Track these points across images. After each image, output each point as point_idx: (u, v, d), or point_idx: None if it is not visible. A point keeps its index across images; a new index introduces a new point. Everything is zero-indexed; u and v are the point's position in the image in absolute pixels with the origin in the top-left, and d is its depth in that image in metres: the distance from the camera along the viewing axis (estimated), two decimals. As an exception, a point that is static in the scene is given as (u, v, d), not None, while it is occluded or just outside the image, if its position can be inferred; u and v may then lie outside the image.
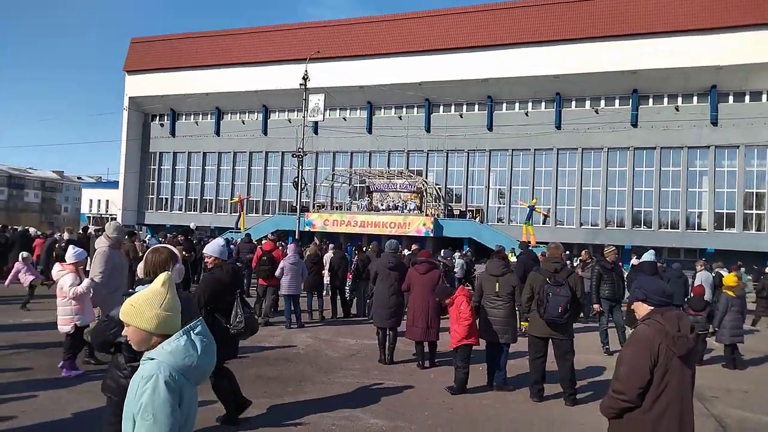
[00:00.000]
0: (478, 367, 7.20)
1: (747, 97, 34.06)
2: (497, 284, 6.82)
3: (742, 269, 20.42)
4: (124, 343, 3.08)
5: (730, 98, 34.35)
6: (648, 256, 9.15)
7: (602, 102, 37.10)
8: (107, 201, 60.15)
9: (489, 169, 39.61)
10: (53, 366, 6.60)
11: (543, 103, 38.43)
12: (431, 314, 7.47)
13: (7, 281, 11.56)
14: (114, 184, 53.93)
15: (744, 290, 9.29)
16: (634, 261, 14.40)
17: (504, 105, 39.33)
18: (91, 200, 64.38)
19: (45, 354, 7.34)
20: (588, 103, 37.38)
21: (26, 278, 11.27)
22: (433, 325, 7.52)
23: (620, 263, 13.90)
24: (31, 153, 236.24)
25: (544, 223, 37.03)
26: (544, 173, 38.49)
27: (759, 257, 30.47)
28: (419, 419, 5.56)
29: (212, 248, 5.63)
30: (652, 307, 3.00)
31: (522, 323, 7.12)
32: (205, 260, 5.74)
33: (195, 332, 2.11)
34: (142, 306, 2.10)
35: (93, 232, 16.88)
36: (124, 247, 13.81)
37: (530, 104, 38.74)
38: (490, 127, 39.07)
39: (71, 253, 6.75)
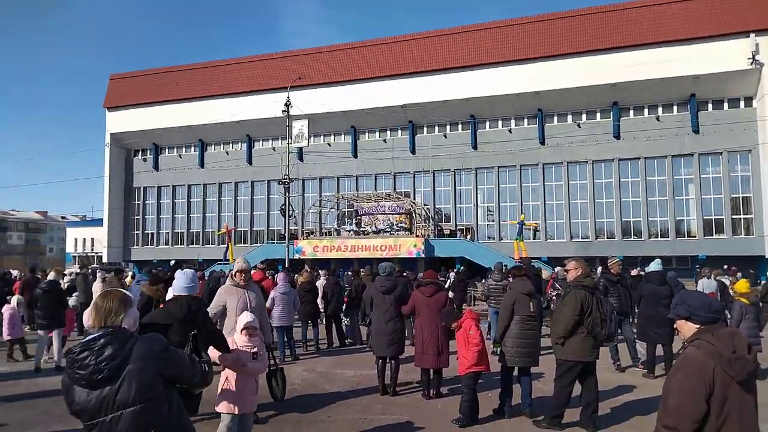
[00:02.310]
0: (487, 393, 6.78)
1: (725, 104, 34.43)
2: (531, 304, 6.40)
3: (739, 274, 20.28)
4: None
5: (710, 106, 34.70)
6: (655, 266, 8.81)
7: (584, 116, 37.31)
8: (92, 239, 59.31)
9: (476, 187, 39.51)
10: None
11: (525, 120, 38.57)
12: (441, 339, 6.92)
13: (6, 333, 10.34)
14: (99, 222, 53.15)
15: (757, 296, 8.98)
16: (633, 272, 14.13)
17: (487, 123, 39.43)
18: (76, 239, 63.58)
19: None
20: (570, 117, 37.58)
21: (8, 331, 10.21)
22: (444, 351, 6.97)
23: (636, 272, 13.54)
24: (13, 194, 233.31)
25: (534, 237, 36.90)
26: (531, 188, 38.45)
27: (750, 261, 30.43)
28: (432, 458, 5.12)
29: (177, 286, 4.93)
30: (699, 326, 2.64)
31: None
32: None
33: None
34: None
35: (75, 273, 16.29)
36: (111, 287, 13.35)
37: (513, 121, 38.88)
38: (474, 146, 39.09)
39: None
